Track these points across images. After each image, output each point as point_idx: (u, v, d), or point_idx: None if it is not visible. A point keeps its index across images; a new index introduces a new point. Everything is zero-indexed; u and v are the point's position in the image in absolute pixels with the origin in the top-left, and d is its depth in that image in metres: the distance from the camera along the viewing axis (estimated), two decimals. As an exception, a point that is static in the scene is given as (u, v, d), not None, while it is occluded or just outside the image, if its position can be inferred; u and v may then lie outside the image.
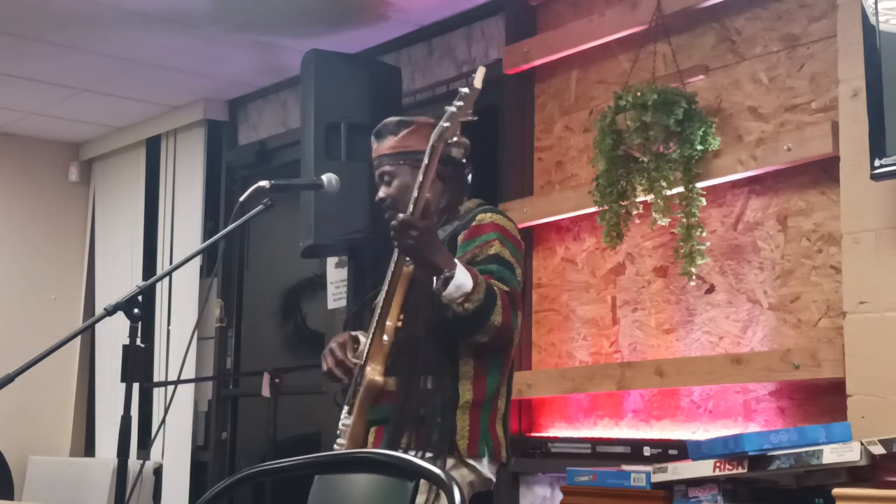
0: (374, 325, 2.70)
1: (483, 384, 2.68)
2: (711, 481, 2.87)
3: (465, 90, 2.49)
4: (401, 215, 2.55)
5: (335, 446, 2.81)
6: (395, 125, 2.87)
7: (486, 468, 2.66)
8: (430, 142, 2.53)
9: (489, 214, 2.75)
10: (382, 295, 2.69)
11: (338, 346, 2.85)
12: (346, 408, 2.87)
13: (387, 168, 2.85)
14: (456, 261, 2.55)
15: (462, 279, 2.51)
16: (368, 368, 2.68)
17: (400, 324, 2.69)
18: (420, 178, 2.55)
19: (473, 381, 2.67)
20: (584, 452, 3.79)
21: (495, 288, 2.57)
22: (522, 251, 2.78)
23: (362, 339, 2.89)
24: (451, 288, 2.50)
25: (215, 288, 5.74)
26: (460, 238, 2.72)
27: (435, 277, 2.54)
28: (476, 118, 2.57)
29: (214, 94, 5.69)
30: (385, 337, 2.68)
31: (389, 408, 2.67)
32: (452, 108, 2.50)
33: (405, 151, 2.82)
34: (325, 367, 2.85)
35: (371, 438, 2.71)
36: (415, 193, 2.55)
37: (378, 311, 2.70)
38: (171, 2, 4.41)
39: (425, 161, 2.54)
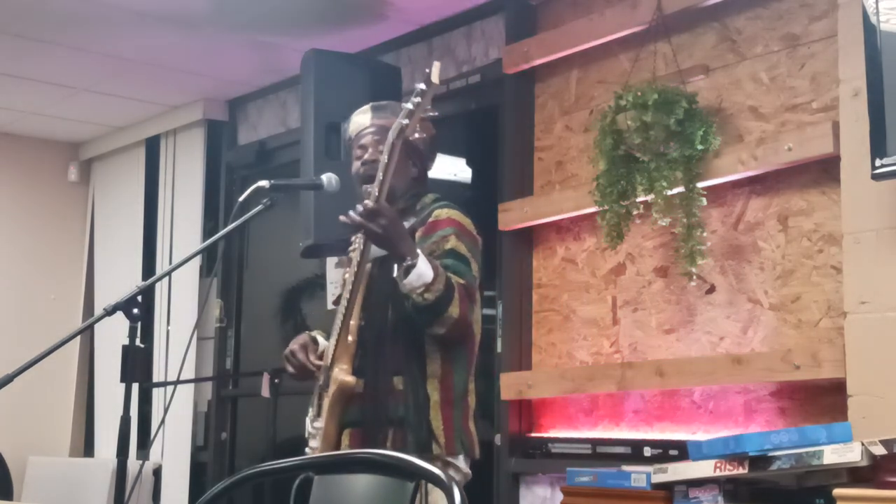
0: (339, 325, 2.69)
1: (450, 383, 2.71)
2: (712, 482, 2.87)
3: (422, 86, 2.55)
4: (367, 202, 2.58)
5: (307, 450, 2.79)
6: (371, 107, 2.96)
7: (462, 464, 2.70)
8: (390, 139, 2.57)
9: (445, 210, 2.78)
10: (346, 295, 2.70)
11: (299, 347, 2.84)
12: (311, 410, 2.85)
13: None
14: (418, 251, 2.58)
15: (423, 269, 2.54)
16: (336, 370, 2.67)
17: (363, 322, 2.70)
18: (380, 174, 2.59)
19: (440, 381, 2.70)
20: (585, 453, 3.78)
21: (453, 280, 2.60)
22: (480, 247, 2.81)
23: (320, 339, 2.88)
24: (412, 276, 2.53)
25: (215, 288, 5.73)
26: (417, 234, 2.74)
27: (396, 265, 2.58)
28: (436, 113, 2.62)
29: (214, 93, 5.69)
30: (350, 337, 2.69)
31: (359, 409, 2.67)
32: (409, 105, 2.55)
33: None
34: (290, 371, 2.85)
35: (346, 441, 2.70)
36: (379, 176, 2.59)
37: (341, 311, 2.70)
38: (171, 2, 4.41)
39: (384, 157, 2.58)
